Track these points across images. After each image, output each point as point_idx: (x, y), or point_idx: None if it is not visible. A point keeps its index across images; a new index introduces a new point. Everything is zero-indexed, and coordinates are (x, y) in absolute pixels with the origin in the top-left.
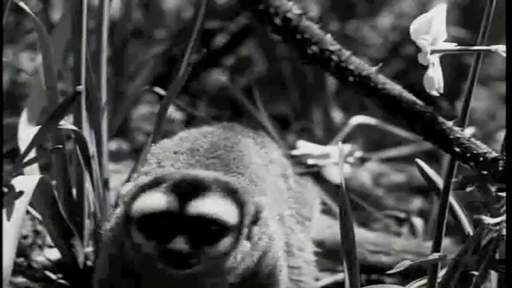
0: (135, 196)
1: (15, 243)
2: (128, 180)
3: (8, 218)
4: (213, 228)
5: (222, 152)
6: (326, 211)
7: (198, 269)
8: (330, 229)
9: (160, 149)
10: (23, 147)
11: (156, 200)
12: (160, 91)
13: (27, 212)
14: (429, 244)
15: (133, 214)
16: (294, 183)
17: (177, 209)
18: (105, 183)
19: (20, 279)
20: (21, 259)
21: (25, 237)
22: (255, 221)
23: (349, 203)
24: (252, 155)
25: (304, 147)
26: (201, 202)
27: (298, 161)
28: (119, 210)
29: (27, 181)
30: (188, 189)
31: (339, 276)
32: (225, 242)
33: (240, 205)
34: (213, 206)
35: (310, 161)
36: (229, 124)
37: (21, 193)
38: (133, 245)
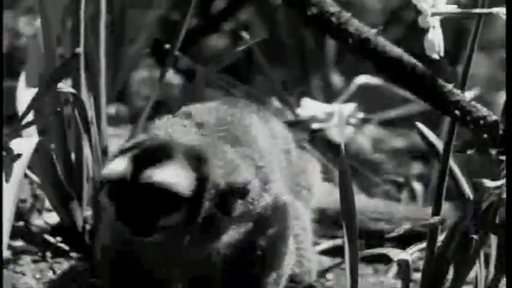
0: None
1: (13, 206)
2: None
3: (7, 181)
4: (165, 198)
5: (230, 127)
6: (328, 179)
7: (158, 238)
8: (330, 196)
9: (163, 125)
10: (21, 110)
11: (116, 167)
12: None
13: (26, 176)
14: (430, 211)
15: (100, 178)
16: (295, 157)
17: (129, 176)
18: (104, 148)
19: (19, 243)
20: (20, 223)
21: (24, 201)
22: (243, 194)
23: (349, 166)
24: (257, 129)
25: (307, 105)
26: (156, 171)
27: (303, 126)
28: None
29: (25, 144)
30: (148, 157)
31: (338, 241)
32: (181, 213)
33: (202, 177)
34: (167, 176)
35: (314, 126)
36: (233, 99)
37: (19, 155)
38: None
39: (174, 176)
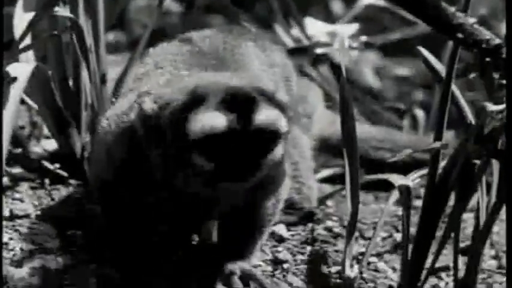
0: (177, 115)
1: (10, 131)
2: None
3: (3, 105)
4: (270, 139)
5: (222, 55)
6: (331, 107)
7: (252, 182)
8: (333, 125)
9: (158, 52)
10: (18, 34)
11: (216, 120)
12: None
13: (24, 103)
14: (431, 138)
15: (193, 136)
16: (295, 85)
17: (239, 126)
18: (103, 75)
19: (18, 170)
20: (18, 150)
21: (22, 128)
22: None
23: (351, 92)
24: (252, 57)
25: (311, 24)
26: (258, 115)
27: (306, 52)
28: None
29: (22, 68)
30: (242, 104)
31: (339, 169)
32: (279, 150)
33: (284, 112)
34: (269, 116)
35: (318, 51)
36: (229, 27)
37: (15, 79)
38: (180, 164)
39: (273, 115)
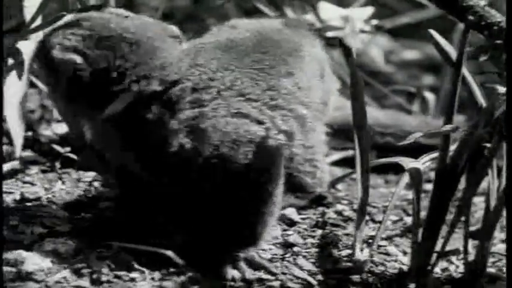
0: None
1: (20, 112)
2: None
3: (12, 84)
4: None
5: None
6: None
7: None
8: (340, 110)
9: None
10: (28, 15)
11: None
12: None
13: (34, 86)
14: (441, 122)
15: None
16: (326, 79)
17: None
18: None
19: (28, 153)
20: (28, 133)
21: (32, 111)
22: None
23: (361, 76)
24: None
25: (325, 9)
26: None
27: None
28: None
29: (26, 45)
30: None
31: (349, 153)
32: None
33: None
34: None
35: (329, 34)
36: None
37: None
38: None
39: None
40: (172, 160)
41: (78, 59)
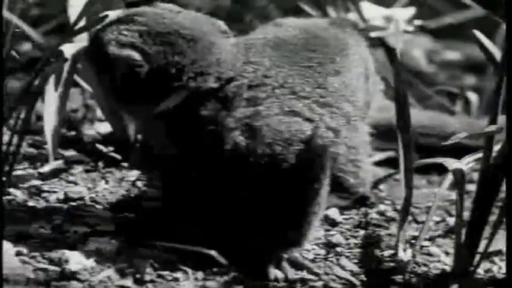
0: None
1: (62, 113)
2: None
3: (51, 89)
4: None
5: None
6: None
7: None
8: (383, 111)
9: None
10: (73, 15)
11: None
12: None
13: (78, 86)
14: (484, 122)
15: None
16: (370, 79)
17: None
18: None
19: (71, 153)
20: (72, 133)
21: (75, 110)
22: None
23: (405, 74)
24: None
25: (368, 8)
26: None
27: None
28: None
29: (70, 48)
30: None
31: (391, 154)
32: None
33: None
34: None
35: (373, 34)
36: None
37: (65, 60)
38: None
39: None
40: (224, 158)
41: (137, 56)
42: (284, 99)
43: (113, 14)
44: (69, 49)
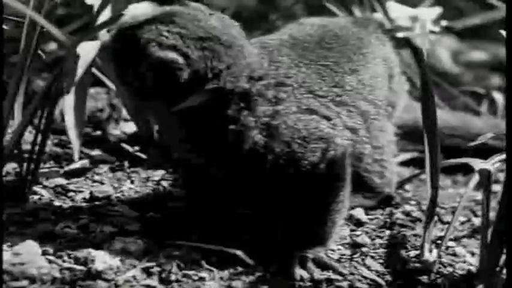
0: None
1: (83, 112)
2: None
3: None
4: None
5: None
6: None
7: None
8: (409, 111)
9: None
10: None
11: None
12: None
13: (103, 85)
14: None
15: None
16: (395, 83)
17: None
18: None
19: (97, 152)
20: (97, 132)
21: (101, 110)
22: None
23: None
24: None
25: (394, 8)
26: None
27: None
28: None
29: (88, 46)
30: None
31: (417, 154)
32: None
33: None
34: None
35: (399, 34)
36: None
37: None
38: None
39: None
40: (244, 157)
41: (180, 59)
42: (301, 98)
43: (141, 11)
44: (85, 47)
